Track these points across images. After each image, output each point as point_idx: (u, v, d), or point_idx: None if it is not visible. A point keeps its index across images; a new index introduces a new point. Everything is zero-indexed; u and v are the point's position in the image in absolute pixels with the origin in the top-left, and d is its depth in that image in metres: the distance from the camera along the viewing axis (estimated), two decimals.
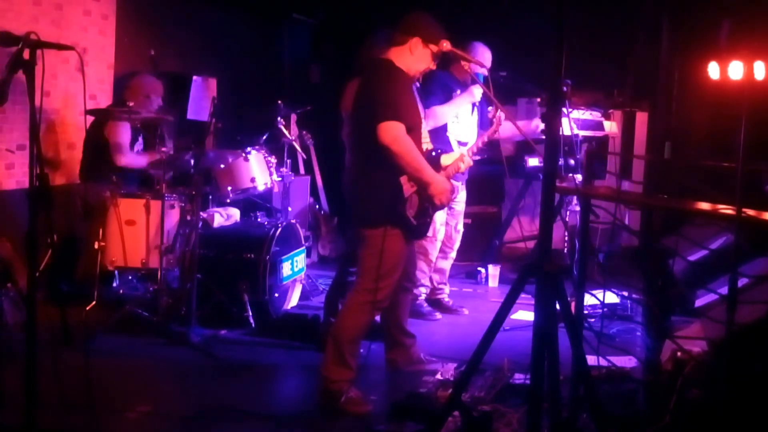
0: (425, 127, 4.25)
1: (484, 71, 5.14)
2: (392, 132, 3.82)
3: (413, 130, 3.97)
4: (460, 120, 5.60)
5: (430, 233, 5.06)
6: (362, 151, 4.02)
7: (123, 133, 5.65)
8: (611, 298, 5.27)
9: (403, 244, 4.04)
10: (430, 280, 5.81)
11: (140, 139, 5.89)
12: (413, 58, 4.07)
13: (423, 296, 5.74)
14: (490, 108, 5.63)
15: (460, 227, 5.82)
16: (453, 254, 5.90)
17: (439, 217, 5.45)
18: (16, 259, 4.98)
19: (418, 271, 5.71)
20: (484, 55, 5.58)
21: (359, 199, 4.05)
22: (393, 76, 3.99)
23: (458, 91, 5.57)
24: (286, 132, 6.61)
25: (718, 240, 4.04)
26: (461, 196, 5.76)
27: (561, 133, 3.41)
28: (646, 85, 6.82)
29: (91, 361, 3.63)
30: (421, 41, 4.06)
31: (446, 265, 5.90)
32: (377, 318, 5.03)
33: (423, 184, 3.98)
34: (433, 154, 4.23)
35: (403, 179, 3.94)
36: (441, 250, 5.74)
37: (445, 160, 4.35)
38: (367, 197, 4.00)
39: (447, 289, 6.03)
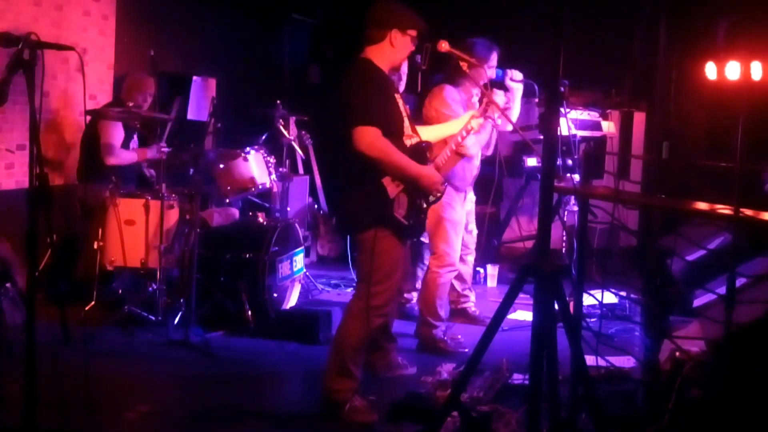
0: (408, 124, 4.02)
1: (491, 71, 5.01)
2: (366, 138, 3.70)
3: (393, 132, 3.84)
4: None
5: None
6: (341, 156, 3.87)
7: (114, 133, 5.62)
8: (610, 298, 5.27)
9: (397, 245, 3.89)
10: (451, 287, 5.44)
11: (134, 137, 5.88)
12: (395, 50, 3.94)
13: (414, 299, 5.61)
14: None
15: (472, 227, 5.51)
16: (471, 257, 5.53)
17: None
18: (16, 258, 4.99)
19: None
20: (490, 55, 5.19)
21: (346, 206, 3.94)
22: (368, 78, 3.85)
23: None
24: (285, 132, 6.62)
25: (717, 240, 4.05)
26: (470, 196, 5.46)
27: (559, 133, 3.42)
28: (643, 85, 6.83)
29: (90, 361, 3.63)
30: (399, 31, 3.91)
31: (466, 269, 5.51)
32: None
33: (411, 182, 3.85)
34: (423, 145, 4.04)
35: (386, 181, 3.80)
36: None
37: (448, 128, 4.31)
38: (353, 203, 3.87)
39: (472, 296, 5.66)
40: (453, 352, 4.97)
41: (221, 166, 5.58)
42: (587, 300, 4.10)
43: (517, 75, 5.07)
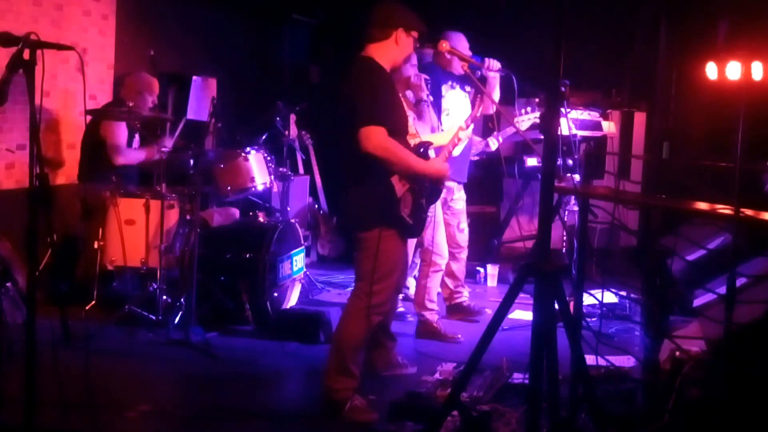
0: (411, 122, 4.17)
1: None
2: (374, 138, 3.74)
3: (398, 132, 3.89)
4: (451, 115, 5.43)
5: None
6: (348, 155, 3.89)
7: (119, 133, 5.63)
8: (610, 297, 5.28)
9: (399, 244, 3.95)
10: (444, 284, 5.62)
11: (136, 137, 5.88)
12: (399, 49, 3.97)
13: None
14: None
15: (464, 226, 5.59)
16: (464, 254, 5.64)
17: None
18: (16, 258, 4.99)
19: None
20: (460, 43, 5.34)
21: (352, 204, 3.96)
22: (373, 78, 3.88)
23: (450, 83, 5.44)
24: (285, 132, 6.62)
25: (717, 240, 4.04)
26: (460, 194, 5.58)
27: (559, 133, 3.42)
28: (644, 85, 6.83)
29: (91, 361, 3.64)
30: (404, 31, 3.95)
31: (458, 267, 5.64)
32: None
33: (419, 178, 3.92)
34: (421, 150, 4.09)
35: (394, 179, 3.85)
36: (449, 253, 5.49)
37: (437, 139, 4.34)
38: (360, 202, 3.91)
39: (466, 292, 5.79)
40: (445, 336, 5.21)
41: (221, 166, 5.58)
42: (587, 300, 4.11)
43: (495, 64, 5.10)
